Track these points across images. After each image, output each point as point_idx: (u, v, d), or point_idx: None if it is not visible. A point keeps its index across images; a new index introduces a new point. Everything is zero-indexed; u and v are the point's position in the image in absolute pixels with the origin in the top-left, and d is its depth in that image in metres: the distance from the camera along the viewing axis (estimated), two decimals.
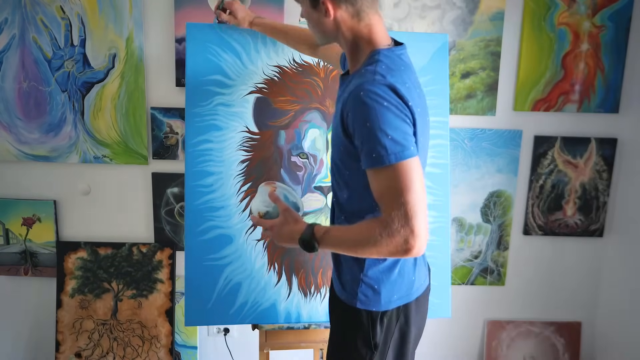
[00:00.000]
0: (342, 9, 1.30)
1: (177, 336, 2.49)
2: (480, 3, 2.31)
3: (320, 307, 1.86)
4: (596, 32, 2.34)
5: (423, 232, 1.15)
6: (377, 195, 1.21)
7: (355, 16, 1.31)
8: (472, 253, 2.55)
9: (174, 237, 2.46)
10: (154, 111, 2.33)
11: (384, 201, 1.18)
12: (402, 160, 1.15)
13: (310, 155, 1.86)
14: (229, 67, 1.83)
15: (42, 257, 2.46)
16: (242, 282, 1.82)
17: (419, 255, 1.19)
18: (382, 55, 1.28)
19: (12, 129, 2.32)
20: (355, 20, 1.31)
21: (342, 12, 1.30)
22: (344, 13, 1.30)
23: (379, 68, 1.24)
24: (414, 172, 1.16)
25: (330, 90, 1.86)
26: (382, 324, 1.38)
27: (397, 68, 1.27)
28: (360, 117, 1.19)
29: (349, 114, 1.22)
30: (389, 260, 1.37)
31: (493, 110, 2.41)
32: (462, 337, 2.66)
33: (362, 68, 1.29)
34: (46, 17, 2.23)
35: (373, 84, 1.19)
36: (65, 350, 2.44)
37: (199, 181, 1.81)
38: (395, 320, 1.40)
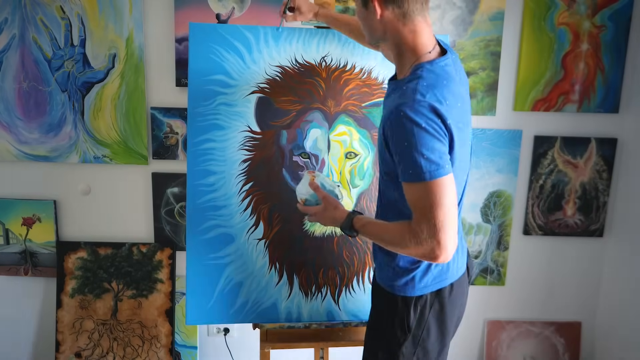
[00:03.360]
0: (389, 10, 1.33)
1: (177, 336, 2.49)
2: (480, 3, 2.32)
3: (321, 307, 1.86)
4: (596, 32, 2.35)
5: (449, 244, 1.25)
6: (410, 205, 1.29)
7: (401, 19, 1.34)
8: (472, 253, 2.56)
9: (174, 237, 2.45)
10: (154, 111, 2.33)
11: (416, 212, 1.27)
12: (435, 179, 1.23)
13: (311, 155, 1.86)
14: (231, 66, 1.83)
15: (42, 257, 2.45)
16: (243, 282, 1.82)
17: (444, 262, 1.28)
18: (425, 70, 1.32)
19: (12, 129, 2.32)
20: (400, 23, 1.34)
21: (389, 13, 1.34)
22: (391, 14, 1.34)
23: (420, 86, 1.28)
24: (445, 189, 1.24)
25: (332, 90, 1.87)
26: (415, 309, 1.45)
27: (439, 84, 1.30)
28: (399, 136, 1.26)
29: (389, 132, 1.29)
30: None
31: (493, 110, 2.42)
32: (462, 337, 2.66)
33: (405, 82, 1.33)
34: (46, 17, 2.23)
35: (412, 107, 1.24)
36: (65, 350, 2.44)
37: (201, 180, 1.81)
38: (430, 305, 1.46)
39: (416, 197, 1.27)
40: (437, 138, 1.24)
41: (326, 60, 1.88)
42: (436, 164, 1.23)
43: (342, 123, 1.87)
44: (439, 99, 1.27)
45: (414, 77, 1.32)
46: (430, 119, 1.24)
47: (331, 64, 1.87)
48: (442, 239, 1.23)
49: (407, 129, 1.23)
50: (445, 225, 1.23)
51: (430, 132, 1.23)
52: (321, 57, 1.87)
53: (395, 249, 1.37)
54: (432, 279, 1.45)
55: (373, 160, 1.89)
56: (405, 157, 1.25)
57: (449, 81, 1.33)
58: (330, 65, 1.87)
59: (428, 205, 1.24)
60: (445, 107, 1.27)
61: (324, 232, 1.87)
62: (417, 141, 1.23)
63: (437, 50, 1.39)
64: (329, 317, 1.86)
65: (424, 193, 1.24)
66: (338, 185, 1.64)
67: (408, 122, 1.23)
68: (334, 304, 1.87)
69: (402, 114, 1.24)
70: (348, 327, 1.91)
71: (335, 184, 1.65)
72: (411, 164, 1.24)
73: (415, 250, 1.28)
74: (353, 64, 1.88)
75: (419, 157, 1.23)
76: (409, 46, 1.36)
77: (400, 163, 1.28)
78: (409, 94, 1.27)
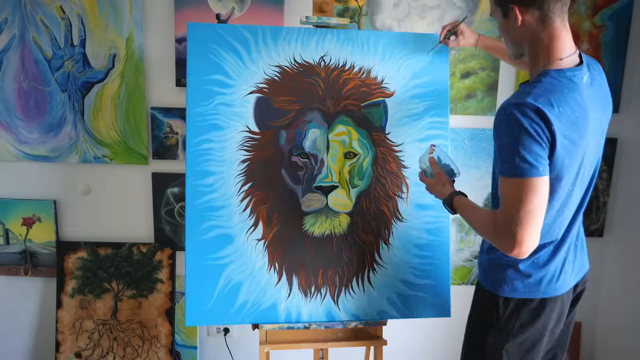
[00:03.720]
0: (529, 13, 1.37)
1: (177, 336, 2.49)
2: (480, 3, 2.32)
3: (320, 307, 1.86)
4: (596, 32, 2.34)
5: (525, 241, 1.31)
6: (500, 196, 1.37)
7: (540, 22, 1.38)
8: (472, 253, 2.55)
9: (174, 237, 2.45)
10: (154, 111, 2.33)
11: (503, 205, 1.36)
12: (526, 177, 1.29)
13: (310, 155, 1.86)
14: (230, 66, 1.83)
15: (42, 257, 2.46)
16: (242, 282, 1.82)
17: (519, 257, 1.36)
18: (549, 77, 1.36)
19: (12, 129, 2.32)
20: (540, 26, 1.38)
21: (529, 17, 1.38)
22: (531, 18, 1.38)
23: (536, 89, 1.33)
24: (534, 190, 1.30)
25: (331, 90, 1.87)
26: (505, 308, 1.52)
27: (559, 90, 1.33)
28: (502, 131, 1.33)
29: (495, 125, 1.36)
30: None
31: (493, 110, 2.41)
32: (462, 337, 2.65)
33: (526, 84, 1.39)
34: (46, 17, 2.23)
35: (520, 106, 1.29)
36: (65, 350, 2.44)
37: (200, 181, 1.81)
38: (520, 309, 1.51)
39: (505, 191, 1.35)
40: (537, 141, 1.29)
41: (325, 60, 1.87)
42: (530, 164, 1.29)
43: (341, 123, 1.87)
44: (551, 102, 1.30)
45: (535, 81, 1.37)
46: (534, 121, 1.28)
47: (330, 63, 1.87)
48: (518, 234, 1.30)
49: (510, 127, 1.30)
50: (523, 222, 1.30)
51: (531, 133, 1.28)
52: (320, 57, 1.87)
53: (478, 232, 1.49)
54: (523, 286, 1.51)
55: (372, 160, 1.89)
56: (503, 152, 1.33)
57: (571, 91, 1.35)
58: (329, 65, 1.87)
59: (513, 200, 1.31)
60: (555, 113, 1.30)
61: (323, 232, 1.87)
62: (516, 138, 1.29)
63: (574, 61, 1.41)
64: (329, 317, 1.86)
65: (512, 188, 1.32)
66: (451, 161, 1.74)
67: (512, 120, 1.29)
68: (334, 304, 1.87)
69: (509, 112, 1.30)
70: (347, 327, 1.90)
71: (451, 159, 1.73)
72: (507, 159, 1.31)
73: (493, 238, 1.39)
74: (352, 64, 1.88)
75: (515, 155, 1.29)
76: (544, 49, 1.40)
77: (499, 157, 1.36)
78: (522, 95, 1.32)
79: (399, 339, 2.63)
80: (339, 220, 1.88)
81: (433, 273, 1.91)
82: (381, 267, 1.89)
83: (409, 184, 1.91)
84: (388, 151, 1.90)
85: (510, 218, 1.31)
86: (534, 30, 1.39)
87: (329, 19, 1.90)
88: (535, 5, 1.36)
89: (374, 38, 1.90)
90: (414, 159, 1.90)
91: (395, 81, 1.90)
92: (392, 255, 1.90)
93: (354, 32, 1.89)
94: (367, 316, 1.88)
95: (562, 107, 1.31)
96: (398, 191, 1.91)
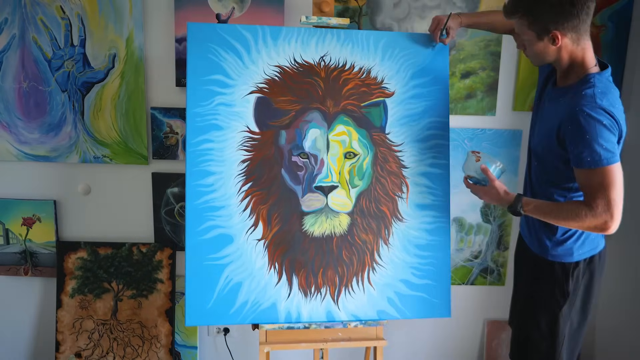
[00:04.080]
0: (567, 37, 1.56)
1: (177, 336, 2.49)
2: (480, 3, 2.31)
3: (320, 307, 1.86)
4: (596, 32, 2.34)
5: (618, 218, 1.54)
6: (585, 186, 1.57)
7: (575, 41, 1.58)
8: (472, 253, 2.55)
9: (174, 237, 2.45)
10: (154, 111, 2.33)
11: (592, 192, 1.54)
12: (612, 164, 1.51)
13: (310, 155, 1.86)
14: (229, 66, 1.83)
15: (42, 257, 2.46)
16: (242, 282, 1.82)
17: (612, 232, 1.56)
18: (596, 79, 1.57)
19: (12, 129, 2.32)
20: (574, 45, 1.58)
21: (567, 40, 1.57)
22: (568, 40, 1.57)
23: (597, 92, 1.54)
24: (617, 173, 1.52)
25: (331, 90, 1.86)
26: (573, 275, 1.75)
27: (609, 91, 1.56)
28: (581, 131, 1.51)
29: (569, 127, 1.54)
30: None
31: (493, 110, 2.41)
32: (462, 337, 2.66)
33: (578, 87, 1.58)
34: (46, 17, 2.23)
35: (593, 108, 1.51)
36: (65, 350, 2.44)
37: (200, 181, 1.81)
38: (583, 271, 1.76)
39: (594, 181, 1.52)
40: (612, 132, 1.51)
41: (325, 60, 1.87)
42: (611, 152, 1.50)
43: (341, 123, 1.87)
44: (612, 102, 1.54)
45: (587, 84, 1.56)
46: (606, 116, 1.50)
47: (330, 63, 1.87)
48: (615, 213, 1.52)
49: (590, 125, 1.50)
50: (618, 202, 1.52)
51: (607, 126, 1.50)
52: (320, 57, 1.87)
53: (568, 223, 1.60)
54: (587, 248, 1.75)
55: (372, 160, 1.89)
56: (585, 147, 1.50)
57: (614, 90, 1.59)
58: (329, 65, 1.87)
59: (604, 186, 1.51)
60: (616, 110, 1.53)
61: (323, 232, 1.87)
62: (598, 134, 1.49)
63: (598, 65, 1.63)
64: (329, 317, 1.86)
65: (601, 176, 1.51)
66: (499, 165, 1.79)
67: (590, 119, 1.50)
68: (334, 304, 1.86)
69: (585, 113, 1.50)
70: (347, 327, 1.90)
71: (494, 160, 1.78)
72: (591, 152, 1.50)
73: (590, 222, 1.54)
74: (352, 64, 1.88)
75: (598, 147, 1.49)
76: (579, 61, 1.60)
77: (578, 151, 1.52)
78: (588, 98, 1.52)
79: (399, 339, 2.63)
80: (339, 220, 1.88)
81: (433, 273, 1.91)
82: (381, 267, 1.89)
83: (409, 184, 1.91)
84: (388, 151, 1.90)
85: (607, 201, 1.51)
86: (569, 49, 1.58)
87: (328, 19, 1.90)
88: (574, 30, 1.54)
89: (374, 38, 1.90)
90: (414, 159, 1.90)
91: (395, 81, 1.91)
92: (392, 255, 1.90)
93: (354, 32, 1.89)
94: (367, 316, 1.88)
95: (617, 104, 1.55)
96: (398, 191, 1.91)
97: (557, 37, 1.55)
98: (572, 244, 1.74)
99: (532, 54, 1.64)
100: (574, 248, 1.74)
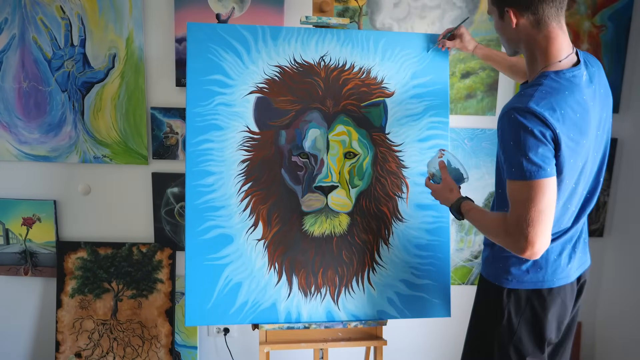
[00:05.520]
0: (524, 18, 1.40)
1: (177, 336, 2.49)
2: (480, 3, 2.31)
3: (320, 307, 1.86)
4: (596, 32, 2.34)
5: (537, 241, 1.33)
6: (509, 199, 1.39)
7: (535, 26, 1.40)
8: (472, 253, 2.55)
9: (174, 237, 2.45)
10: (154, 111, 2.33)
11: (512, 207, 1.37)
12: (534, 179, 1.32)
13: (310, 155, 1.86)
14: (229, 66, 1.83)
15: (42, 257, 2.46)
16: (242, 282, 1.82)
17: (531, 258, 1.37)
18: (548, 79, 1.38)
19: (12, 129, 2.32)
20: (535, 30, 1.40)
21: (524, 21, 1.40)
22: (526, 22, 1.40)
23: (537, 93, 1.35)
24: (542, 190, 1.32)
25: (331, 90, 1.86)
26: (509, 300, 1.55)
27: (559, 92, 1.36)
28: (506, 135, 1.35)
29: (499, 130, 1.38)
30: None
31: (493, 110, 2.41)
32: (462, 337, 2.65)
33: (527, 86, 1.41)
34: (46, 17, 2.23)
35: (522, 111, 1.32)
36: (65, 350, 2.44)
37: (200, 181, 1.81)
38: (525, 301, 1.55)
39: (515, 193, 1.36)
40: (543, 142, 1.31)
41: (325, 59, 1.87)
42: (537, 166, 1.31)
43: (341, 123, 1.87)
44: (553, 106, 1.33)
45: (535, 83, 1.39)
46: (538, 124, 1.31)
47: (330, 63, 1.87)
48: (530, 234, 1.32)
49: (514, 131, 1.32)
50: (534, 222, 1.32)
51: (536, 136, 1.31)
52: (320, 57, 1.87)
53: (489, 235, 1.49)
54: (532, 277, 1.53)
55: (372, 160, 1.89)
56: (509, 156, 1.35)
57: (572, 92, 1.37)
58: (329, 65, 1.87)
59: (522, 201, 1.33)
60: (557, 117, 1.32)
61: (323, 232, 1.87)
62: (523, 143, 1.31)
63: (572, 60, 1.43)
64: (329, 317, 1.86)
65: (521, 190, 1.34)
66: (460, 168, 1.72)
67: (516, 125, 1.32)
68: (334, 304, 1.87)
69: (513, 116, 1.32)
70: (347, 327, 1.90)
71: (460, 163, 1.71)
72: (514, 163, 1.33)
73: (503, 240, 1.40)
74: (352, 64, 1.88)
75: (522, 158, 1.31)
76: (542, 52, 1.42)
77: (505, 160, 1.37)
78: (524, 99, 1.34)
79: (399, 339, 2.63)
80: (339, 220, 1.88)
81: (433, 273, 1.91)
82: (381, 267, 1.89)
83: (409, 184, 1.91)
84: (388, 151, 1.90)
85: (521, 219, 1.33)
86: (529, 33, 1.41)
87: (329, 19, 1.90)
88: (530, 10, 1.38)
89: (374, 38, 1.90)
90: (414, 159, 1.90)
91: (395, 81, 1.91)
92: (392, 255, 1.90)
93: (354, 32, 1.89)
94: (367, 316, 1.88)
95: (563, 110, 1.33)
96: (398, 191, 1.91)
97: (510, 14, 1.40)
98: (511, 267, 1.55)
99: (500, 37, 1.52)
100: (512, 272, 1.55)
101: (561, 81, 1.38)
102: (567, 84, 1.38)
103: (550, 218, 1.34)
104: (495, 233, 1.44)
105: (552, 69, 1.40)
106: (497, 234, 1.43)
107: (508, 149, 1.35)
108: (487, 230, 1.49)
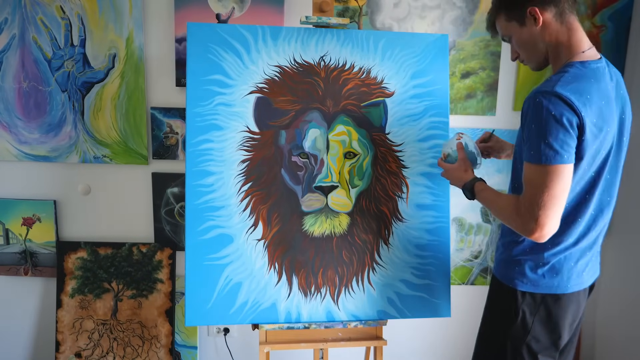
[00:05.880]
0: (547, 11, 1.44)
1: (177, 336, 2.49)
2: (480, 3, 2.31)
3: (320, 307, 1.86)
4: (596, 32, 2.34)
5: (546, 224, 1.36)
6: (524, 181, 1.41)
7: (558, 19, 1.44)
8: (472, 253, 2.55)
9: (174, 237, 2.45)
10: (154, 111, 2.33)
11: (526, 188, 1.39)
12: (551, 164, 1.33)
13: (310, 155, 1.86)
14: (229, 66, 1.83)
15: (42, 257, 2.46)
16: (242, 282, 1.82)
17: (539, 241, 1.40)
18: (574, 67, 1.41)
19: (12, 129, 2.32)
20: (558, 23, 1.45)
21: (548, 15, 1.44)
22: (549, 15, 1.44)
23: (563, 78, 1.37)
24: (557, 176, 1.34)
25: (331, 90, 1.86)
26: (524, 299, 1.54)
27: (586, 78, 1.38)
28: (530, 118, 1.36)
29: (525, 112, 1.39)
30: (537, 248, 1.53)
31: (493, 110, 2.41)
32: (462, 337, 2.66)
33: (554, 74, 1.42)
34: (46, 17, 2.23)
35: (548, 94, 1.33)
36: (65, 350, 2.44)
37: (200, 181, 1.81)
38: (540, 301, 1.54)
39: (530, 176, 1.38)
40: (565, 128, 1.32)
41: (325, 59, 1.87)
42: (555, 151, 1.32)
43: (341, 123, 1.87)
44: (580, 90, 1.34)
45: (561, 71, 1.41)
46: (564, 109, 1.32)
47: (330, 63, 1.87)
48: (540, 217, 1.35)
49: (537, 114, 1.34)
50: (546, 205, 1.34)
51: (559, 121, 1.32)
52: (320, 57, 1.87)
53: (499, 216, 1.50)
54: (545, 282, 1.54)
55: (372, 160, 1.89)
56: (530, 138, 1.36)
57: (597, 80, 1.40)
58: (329, 65, 1.87)
59: (537, 184, 1.35)
60: (583, 100, 1.34)
61: (323, 232, 1.87)
62: (544, 127, 1.32)
63: (595, 54, 1.46)
64: (329, 317, 1.86)
65: (537, 174, 1.36)
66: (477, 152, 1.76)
67: (540, 108, 1.33)
68: (334, 304, 1.86)
69: (538, 100, 1.34)
70: (347, 327, 1.90)
71: (476, 148, 1.75)
72: (534, 146, 1.35)
73: (513, 221, 1.42)
74: (352, 64, 1.88)
75: (541, 142, 1.33)
76: (566, 45, 1.45)
77: (526, 142, 1.39)
78: (550, 84, 1.36)
79: (399, 339, 2.63)
80: (338, 220, 1.88)
81: (433, 273, 1.91)
82: (381, 267, 1.89)
83: (409, 184, 1.91)
84: (388, 151, 1.90)
85: (534, 201, 1.35)
86: (553, 28, 1.45)
87: (328, 19, 1.90)
88: (553, 2, 1.42)
89: (374, 38, 1.90)
90: (414, 159, 1.90)
91: (395, 81, 1.90)
92: (392, 255, 1.90)
93: (354, 32, 1.89)
94: (367, 316, 1.88)
95: (589, 94, 1.35)
96: (398, 191, 1.91)
97: (536, 13, 1.43)
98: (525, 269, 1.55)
99: (524, 49, 1.52)
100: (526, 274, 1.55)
101: (586, 70, 1.40)
102: (591, 73, 1.40)
103: (562, 204, 1.37)
104: (506, 213, 1.45)
105: (577, 59, 1.43)
106: (508, 214, 1.44)
107: (529, 132, 1.36)
108: (498, 209, 1.50)
